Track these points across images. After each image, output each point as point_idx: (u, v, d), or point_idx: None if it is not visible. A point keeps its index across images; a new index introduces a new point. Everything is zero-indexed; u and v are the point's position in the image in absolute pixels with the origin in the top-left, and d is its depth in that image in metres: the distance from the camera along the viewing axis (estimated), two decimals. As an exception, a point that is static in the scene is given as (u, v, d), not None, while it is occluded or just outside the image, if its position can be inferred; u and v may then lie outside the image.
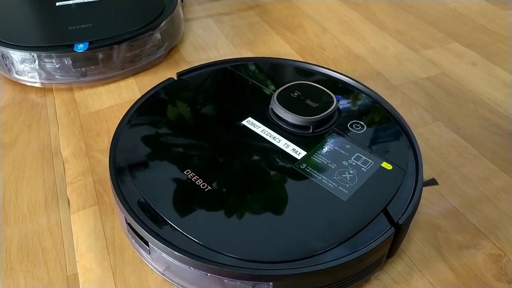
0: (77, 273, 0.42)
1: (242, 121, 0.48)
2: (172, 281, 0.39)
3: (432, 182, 0.51)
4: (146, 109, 0.50)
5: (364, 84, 0.54)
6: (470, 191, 0.50)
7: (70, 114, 0.62)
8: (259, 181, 0.41)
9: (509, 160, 0.54)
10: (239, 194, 0.40)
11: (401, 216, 0.38)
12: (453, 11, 0.88)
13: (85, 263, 0.43)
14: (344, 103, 0.51)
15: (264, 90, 0.53)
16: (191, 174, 0.41)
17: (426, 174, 0.52)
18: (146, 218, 0.37)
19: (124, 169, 0.42)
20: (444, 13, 0.87)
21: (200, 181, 0.40)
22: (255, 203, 0.39)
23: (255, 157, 0.44)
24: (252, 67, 0.58)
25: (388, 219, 0.38)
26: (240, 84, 0.55)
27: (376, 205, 0.39)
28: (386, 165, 0.43)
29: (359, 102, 0.52)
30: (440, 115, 0.61)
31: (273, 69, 0.58)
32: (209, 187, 0.40)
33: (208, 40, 0.80)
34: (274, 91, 0.50)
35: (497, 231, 0.46)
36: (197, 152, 0.44)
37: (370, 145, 0.45)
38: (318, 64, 0.58)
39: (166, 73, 0.70)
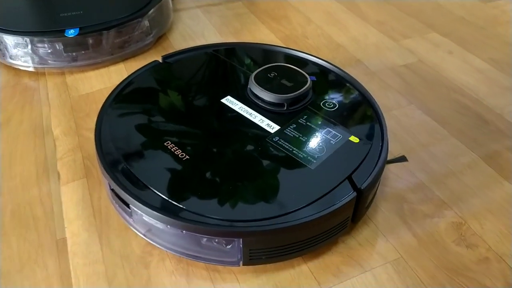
0: (66, 237, 0.45)
1: (221, 99, 0.51)
2: (155, 242, 0.42)
3: (402, 158, 0.54)
4: (131, 88, 0.53)
5: (340, 67, 0.57)
6: (437, 167, 0.53)
7: (61, 96, 0.65)
8: (233, 151, 0.44)
9: (476, 138, 0.57)
10: (214, 163, 0.43)
11: (363, 182, 0.41)
12: (433, 2, 0.91)
13: (73, 229, 0.46)
14: (318, 83, 0.54)
15: (245, 72, 0.56)
16: (170, 145, 0.44)
17: (397, 152, 0.55)
18: (128, 183, 0.40)
19: (108, 141, 0.45)
20: (425, 4, 0.90)
21: (178, 151, 0.43)
22: (229, 169, 0.42)
23: (231, 130, 0.47)
24: (234, 51, 0.61)
25: (352, 185, 0.41)
26: (222, 67, 0.58)
27: (341, 173, 0.42)
28: (354, 139, 0.46)
29: (332, 83, 0.55)
30: (414, 98, 0.64)
31: (253, 53, 0.61)
32: (187, 156, 0.43)
33: (196, 29, 0.83)
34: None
35: (459, 203, 0.49)
36: (177, 126, 0.47)
37: (340, 121, 0.48)
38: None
39: (154, 59, 0.73)
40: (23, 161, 0.54)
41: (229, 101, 0.51)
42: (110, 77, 0.69)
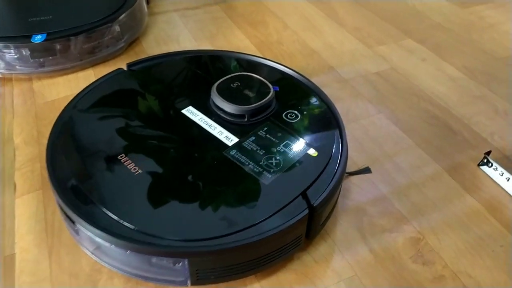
0: (15, 253, 0.44)
1: (182, 109, 0.50)
2: (103, 261, 0.41)
3: (366, 170, 0.54)
4: (90, 98, 0.52)
5: (317, 79, 0.56)
6: (400, 179, 0.53)
7: (26, 103, 0.64)
8: (187, 166, 0.43)
9: (442, 149, 0.57)
10: (166, 178, 0.42)
11: (317, 199, 0.40)
12: (411, 8, 0.90)
13: (23, 244, 0.45)
14: (282, 94, 0.53)
15: (209, 81, 0.55)
16: (124, 159, 0.43)
17: (362, 163, 0.55)
18: (74, 199, 0.39)
19: (60, 154, 0.44)
20: (403, 9, 0.90)
21: (132, 165, 0.43)
22: (180, 186, 0.41)
23: (188, 143, 0.46)
24: (201, 60, 0.60)
25: (306, 201, 0.40)
26: (187, 76, 0.57)
27: (295, 189, 0.41)
28: (312, 152, 0.45)
29: (296, 93, 0.54)
30: (383, 107, 0.64)
31: (220, 61, 0.60)
32: (139, 171, 0.42)
33: (171, 33, 0.82)
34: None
35: (419, 216, 0.48)
36: (133, 138, 0.46)
37: (300, 134, 0.48)
38: (274, 60, 0.60)
39: (125, 64, 0.72)
40: (-19, 171, 0.53)
41: (190, 111, 0.50)
42: (78, 83, 0.68)
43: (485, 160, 0.53)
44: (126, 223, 0.37)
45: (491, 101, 0.65)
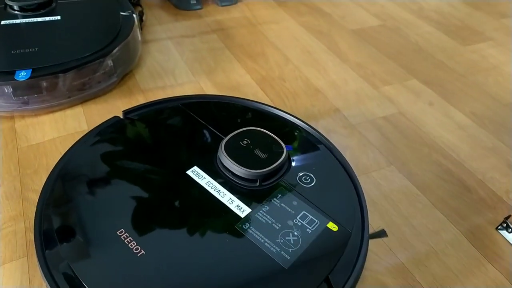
0: None
1: (187, 170, 0.46)
2: None
3: (382, 233, 0.50)
4: (83, 154, 0.47)
5: (323, 124, 0.53)
6: (418, 245, 0.50)
7: (8, 147, 0.58)
8: (197, 244, 0.39)
9: (458, 210, 0.54)
10: (175, 260, 0.37)
11: (343, 286, 0.36)
12: (414, 44, 0.89)
13: (5, 330, 0.39)
14: (295, 153, 0.49)
15: (215, 133, 0.51)
16: (124, 235, 0.38)
17: (376, 224, 0.52)
18: (66, 286, 0.34)
19: (51, 229, 0.38)
20: (405, 46, 0.88)
21: (133, 243, 0.38)
22: (192, 271, 0.36)
23: (196, 213, 0.42)
24: (205, 107, 0.56)
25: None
26: (190, 126, 0.53)
27: (318, 273, 0.37)
28: (332, 226, 0.42)
29: (310, 152, 0.50)
30: (394, 158, 0.61)
31: (226, 109, 0.56)
32: (142, 251, 0.37)
33: (166, 66, 0.77)
34: (225, 135, 0.48)
35: (442, 291, 0.45)
36: (133, 208, 0.41)
37: (317, 201, 0.44)
38: (277, 99, 0.56)
39: (117, 102, 0.67)
40: (-46, 234, 0.47)
41: (196, 173, 0.46)
42: (65, 123, 0.62)
43: (505, 225, 0.51)
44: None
45: (503, 154, 0.63)
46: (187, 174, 0.45)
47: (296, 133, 0.53)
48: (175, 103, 0.56)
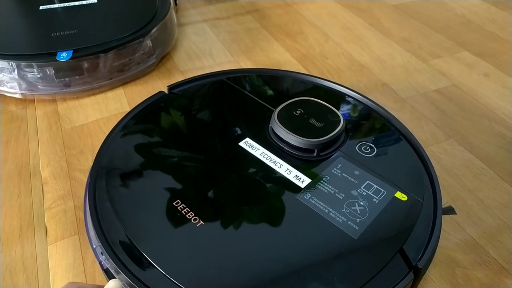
0: (52, 316, 0.37)
1: (239, 142, 0.43)
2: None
3: (450, 210, 0.46)
4: (133, 127, 0.45)
5: (371, 99, 0.50)
6: (489, 219, 0.46)
7: (52, 129, 0.57)
8: (258, 216, 0.36)
9: (530, 183, 0.49)
10: (235, 232, 0.35)
11: (420, 258, 0.33)
12: (461, 17, 0.84)
13: (61, 305, 0.38)
14: (351, 122, 0.46)
15: (264, 105, 0.49)
16: (181, 206, 0.36)
17: (442, 201, 0.48)
18: (129, 260, 0.32)
19: (105, 201, 0.37)
20: (452, 19, 0.83)
21: (191, 214, 0.36)
22: (254, 242, 0.34)
23: (254, 185, 0.39)
24: (250, 80, 0.53)
25: (405, 261, 0.33)
26: (237, 99, 0.50)
27: (391, 244, 0.34)
28: (401, 196, 0.38)
29: (367, 121, 0.47)
30: (452, 131, 0.57)
31: (273, 82, 0.53)
32: (201, 222, 0.35)
33: (203, 47, 0.75)
34: (275, 107, 0.46)
35: (521, 267, 0.41)
36: (188, 180, 0.39)
37: (381, 170, 0.41)
38: (321, 76, 0.53)
39: (157, 83, 0.66)
40: (5, 212, 0.46)
41: (248, 144, 0.43)
42: (107, 105, 0.61)
43: None
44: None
45: None
46: (240, 146, 0.43)
47: (350, 103, 0.49)
48: (219, 77, 0.53)
